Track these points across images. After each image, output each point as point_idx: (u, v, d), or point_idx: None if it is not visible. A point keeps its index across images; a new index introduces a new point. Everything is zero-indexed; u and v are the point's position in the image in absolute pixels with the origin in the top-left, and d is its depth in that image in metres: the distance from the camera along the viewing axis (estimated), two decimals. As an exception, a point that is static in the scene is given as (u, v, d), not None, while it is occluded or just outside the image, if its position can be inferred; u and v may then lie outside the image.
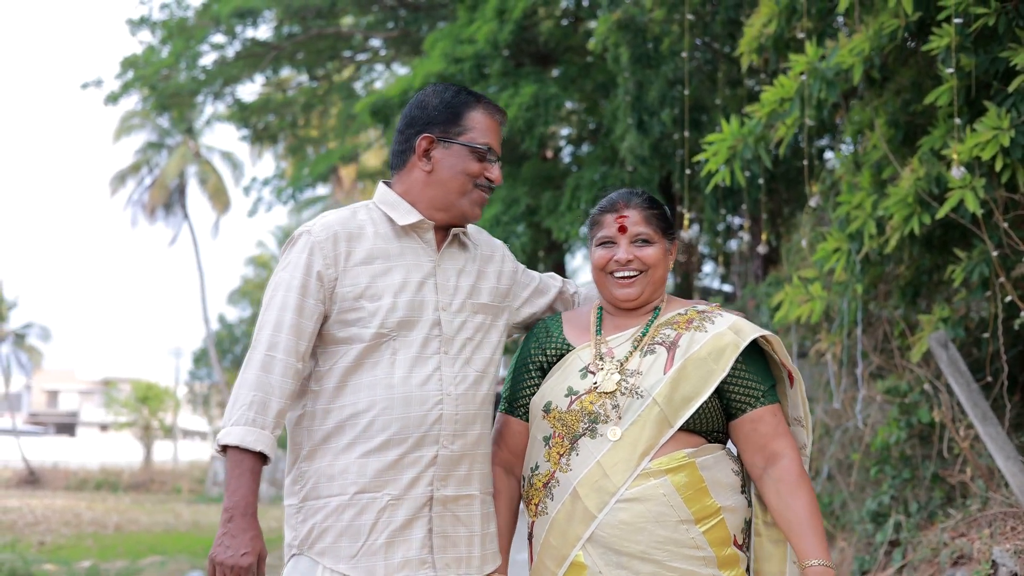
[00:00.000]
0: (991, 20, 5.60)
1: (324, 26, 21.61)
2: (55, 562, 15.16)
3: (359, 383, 3.39)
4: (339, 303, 3.39)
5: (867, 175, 6.70)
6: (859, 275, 6.87)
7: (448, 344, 3.46)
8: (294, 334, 3.33)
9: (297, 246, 3.44)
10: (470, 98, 3.55)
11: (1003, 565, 5.62)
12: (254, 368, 3.30)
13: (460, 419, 3.43)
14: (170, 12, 20.86)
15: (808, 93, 6.39)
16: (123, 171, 46.87)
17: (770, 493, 3.42)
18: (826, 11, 7.06)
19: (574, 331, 3.65)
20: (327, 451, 3.39)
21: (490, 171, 3.53)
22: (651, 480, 3.34)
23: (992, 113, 5.55)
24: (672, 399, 3.37)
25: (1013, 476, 5.91)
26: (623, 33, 11.21)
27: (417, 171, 3.53)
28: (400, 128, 3.59)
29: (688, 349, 3.43)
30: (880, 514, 7.52)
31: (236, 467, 3.22)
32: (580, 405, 3.45)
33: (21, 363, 51.29)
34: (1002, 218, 5.89)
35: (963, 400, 6.17)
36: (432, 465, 3.37)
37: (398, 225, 3.51)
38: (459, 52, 15.77)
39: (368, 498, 3.33)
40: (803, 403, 3.56)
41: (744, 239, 13.26)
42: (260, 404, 3.26)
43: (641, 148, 12.09)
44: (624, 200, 3.59)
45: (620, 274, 3.55)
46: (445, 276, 3.54)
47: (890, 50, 6.26)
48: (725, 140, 6.74)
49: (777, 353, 3.53)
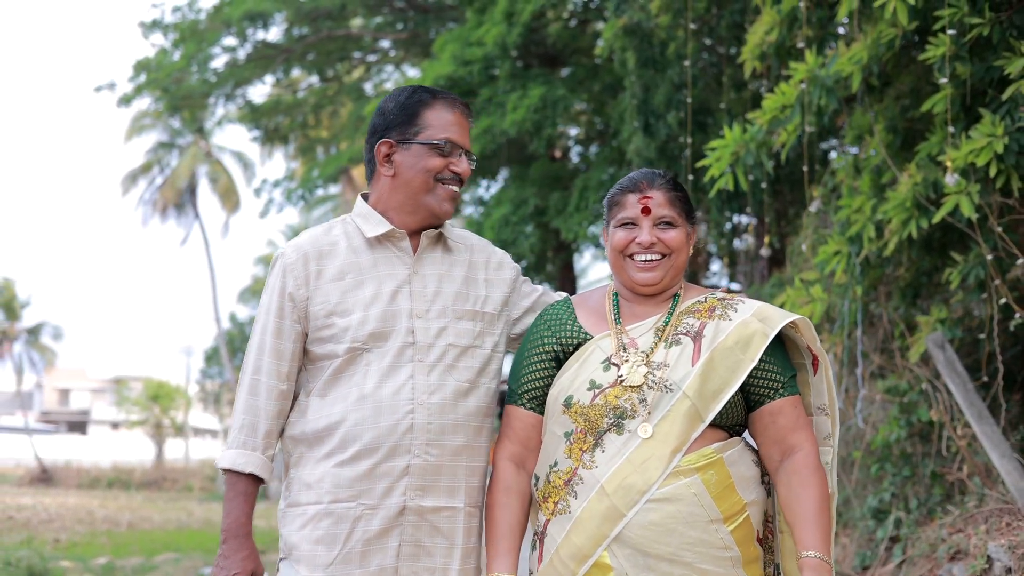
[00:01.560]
0: (985, 30, 5.75)
1: (334, 28, 21.77)
2: (71, 559, 15.26)
3: (336, 395, 3.42)
4: (312, 321, 3.45)
5: (867, 179, 6.84)
6: (859, 277, 7.02)
7: (424, 352, 3.43)
8: (275, 356, 3.43)
9: (274, 270, 3.51)
10: (426, 95, 3.53)
11: (998, 560, 5.77)
12: (244, 391, 3.44)
13: (435, 429, 3.40)
14: (182, 15, 21.04)
15: (808, 100, 6.54)
16: (134, 171, 47.00)
17: (782, 484, 3.29)
18: (826, 19, 7.21)
19: (590, 319, 3.50)
20: (308, 460, 3.44)
21: (455, 164, 3.50)
22: (681, 479, 3.22)
23: (987, 120, 5.69)
24: (703, 392, 3.24)
25: (1008, 474, 6.07)
26: (629, 38, 11.39)
27: (383, 178, 3.53)
28: (367, 138, 3.60)
29: (714, 339, 3.30)
30: (881, 511, 7.67)
31: (230, 489, 3.40)
32: (604, 399, 3.30)
33: (33, 362, 51.47)
34: (997, 222, 6.03)
35: (960, 400, 6.32)
36: (405, 475, 3.37)
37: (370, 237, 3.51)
38: (468, 54, 15.93)
39: (343, 507, 3.37)
40: (829, 390, 3.42)
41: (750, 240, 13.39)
42: (250, 427, 3.41)
43: (648, 150, 12.24)
44: (648, 180, 3.45)
45: (642, 257, 3.40)
46: (423, 282, 3.51)
47: (888, 58, 6.41)
48: (728, 146, 6.89)
49: (805, 337, 3.40)
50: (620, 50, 11.76)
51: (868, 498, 7.87)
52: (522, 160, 18.45)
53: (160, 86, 21.16)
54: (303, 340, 3.47)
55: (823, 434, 3.40)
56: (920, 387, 7.38)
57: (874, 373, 8.37)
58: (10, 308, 49.63)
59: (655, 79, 11.79)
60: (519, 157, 18.54)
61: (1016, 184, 5.72)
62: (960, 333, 6.84)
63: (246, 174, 47.18)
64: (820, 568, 3.17)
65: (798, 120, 6.66)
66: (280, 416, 3.45)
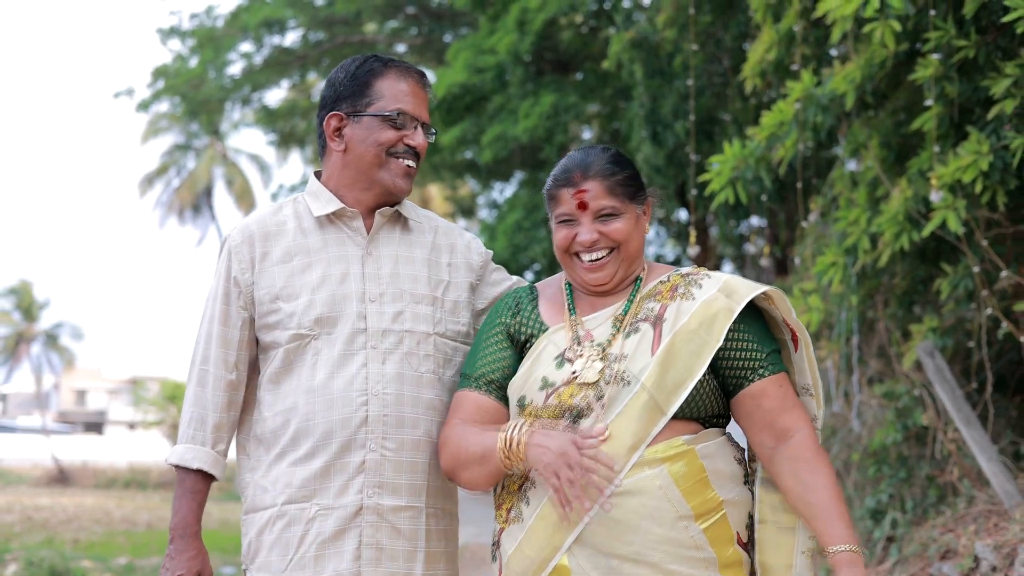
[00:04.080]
0: (971, 52, 6.00)
1: (349, 34, 22.05)
2: (91, 559, 15.46)
3: (287, 389, 3.22)
4: (258, 307, 3.24)
5: (863, 192, 7.09)
6: (855, 287, 7.28)
7: (377, 338, 3.20)
8: (222, 345, 3.23)
9: (221, 254, 3.31)
10: (377, 64, 3.30)
11: (984, 559, 6.02)
12: (192, 384, 3.25)
13: (391, 421, 3.17)
14: (199, 22, 21.35)
15: (804, 118, 6.80)
16: (151, 173, 47.43)
17: (785, 474, 2.97)
18: (822, 38, 7.47)
19: (549, 309, 3.19)
20: (261, 462, 3.26)
21: (409, 137, 3.26)
22: (646, 470, 2.90)
23: (973, 138, 5.93)
24: (663, 383, 2.92)
25: (995, 476, 6.32)
26: (637, 51, 11.66)
27: (334, 154, 3.31)
28: (317, 112, 3.36)
29: (676, 322, 2.98)
30: (878, 511, 7.91)
31: (179, 486, 3.20)
32: (558, 399, 2.98)
33: (51, 363, 51.85)
34: (983, 236, 6.29)
35: (948, 406, 6.57)
36: (361, 471, 3.14)
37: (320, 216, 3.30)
38: (481, 62, 16.20)
39: (296, 509, 3.16)
40: (811, 368, 3.09)
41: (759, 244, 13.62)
42: (198, 420, 3.22)
43: (656, 158, 12.50)
44: (581, 170, 3.08)
45: (588, 257, 3.08)
46: (377, 264, 3.28)
47: (881, 77, 6.66)
48: (728, 161, 7.15)
49: (780, 310, 3.07)
50: (628, 62, 12.04)
51: (866, 499, 8.11)
52: (535, 164, 18.68)
53: (178, 92, 21.48)
54: (251, 327, 3.27)
55: (810, 416, 3.09)
56: (914, 392, 7.63)
57: (873, 377, 8.62)
58: (28, 310, 50.03)
59: (662, 89, 12.06)
60: (532, 161, 18.78)
61: (1001, 199, 5.96)
62: (951, 342, 7.09)
63: (263, 176, 47.56)
64: (855, 562, 2.88)
65: (795, 136, 6.91)
66: (230, 408, 3.26)
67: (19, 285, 50.20)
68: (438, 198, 35.27)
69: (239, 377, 3.27)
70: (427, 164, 19.94)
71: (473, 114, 16.83)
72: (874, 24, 6.00)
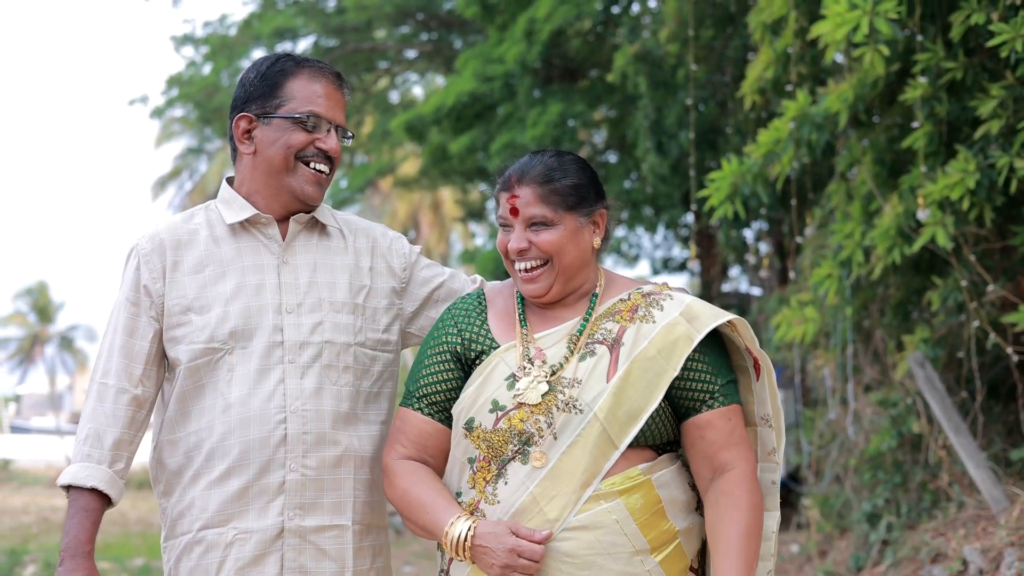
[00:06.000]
0: (959, 74, 6.22)
1: (360, 41, 22.24)
2: (108, 560, 15.46)
3: (200, 407, 3.05)
4: (167, 318, 3.07)
5: (858, 206, 7.29)
6: (850, 299, 7.49)
7: (295, 352, 3.05)
8: (125, 356, 3.04)
9: (128, 262, 3.13)
10: (289, 64, 3.14)
11: (972, 562, 6.23)
12: (91, 399, 3.05)
13: (311, 440, 3.02)
14: (213, 30, 21.56)
15: (799, 136, 7.01)
16: (164, 177, 47.55)
17: (709, 504, 2.88)
18: (818, 56, 7.69)
19: (500, 322, 3.02)
20: (176, 486, 3.10)
21: (321, 141, 3.10)
22: (601, 504, 2.79)
23: (961, 157, 6.13)
24: (616, 415, 2.80)
25: (983, 482, 6.53)
26: (641, 64, 11.87)
27: (244, 157, 3.15)
28: (229, 113, 3.19)
29: (634, 347, 2.84)
30: (874, 515, 8.11)
31: (71, 506, 2.99)
32: (508, 423, 2.84)
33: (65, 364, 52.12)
34: (971, 251, 6.50)
35: (938, 414, 6.79)
36: (281, 492, 3.00)
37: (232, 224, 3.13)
38: (489, 71, 16.39)
39: (214, 534, 3.01)
40: (772, 398, 2.97)
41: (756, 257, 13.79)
42: (95, 437, 3.01)
43: (661, 167, 12.70)
44: (518, 175, 2.93)
45: (520, 265, 2.94)
46: (293, 273, 3.12)
47: (873, 96, 6.87)
48: (726, 177, 7.36)
49: (742, 337, 2.95)
50: (633, 74, 12.24)
51: (863, 503, 8.32)
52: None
53: (192, 99, 21.69)
54: (160, 340, 3.09)
55: (767, 448, 3.00)
56: (908, 401, 7.84)
57: (869, 384, 8.83)
58: (44, 311, 50.29)
59: (666, 100, 12.27)
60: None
61: (989, 216, 6.17)
62: (943, 352, 7.30)
63: (230, 165, 47.73)
64: None
65: (791, 153, 7.12)
66: (132, 425, 3.05)
67: (36, 285, 50.48)
68: (448, 201, 35.52)
69: (144, 393, 3.08)
70: (437, 170, 20.16)
71: (482, 122, 17.02)
72: (864, 49, 6.21)
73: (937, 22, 6.39)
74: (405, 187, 26.68)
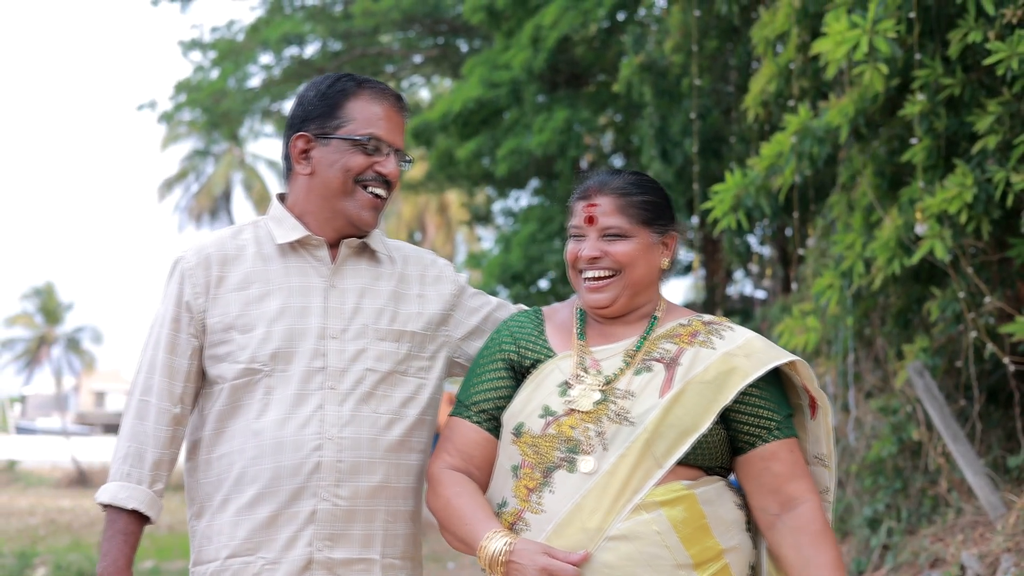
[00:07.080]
0: (957, 90, 6.34)
1: (367, 45, 22.35)
2: None
3: (233, 429, 2.98)
4: (209, 335, 2.99)
5: (858, 218, 7.40)
6: (851, 308, 7.61)
7: (337, 378, 2.96)
8: (167, 375, 2.98)
9: (172, 276, 3.05)
10: (350, 84, 3.06)
11: (970, 568, 6.35)
12: (130, 416, 2.99)
13: (346, 468, 2.93)
14: (220, 35, 21.68)
15: (801, 149, 7.13)
16: (171, 178, 47.73)
17: (786, 546, 2.83)
18: (820, 70, 7.82)
19: (557, 335, 3.03)
20: (207, 509, 3.02)
21: (381, 164, 3.02)
22: (643, 514, 2.75)
23: (959, 171, 6.24)
24: (664, 431, 2.78)
25: (980, 489, 6.65)
26: (646, 74, 12.02)
27: (300, 177, 3.08)
28: (284, 132, 3.14)
29: (691, 369, 2.83)
30: (875, 520, 8.22)
31: (109, 527, 2.93)
32: (558, 429, 2.83)
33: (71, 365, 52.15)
34: (968, 263, 6.63)
35: (937, 422, 6.91)
36: (311, 522, 2.91)
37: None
38: (496, 77, 16.52)
39: (241, 563, 2.93)
40: (827, 438, 2.97)
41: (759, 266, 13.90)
42: (135, 456, 2.94)
43: (666, 174, 12.83)
44: (598, 186, 2.97)
45: (589, 274, 2.94)
46: (340, 297, 3.03)
47: (874, 110, 7.00)
48: (729, 189, 7.48)
49: (801, 376, 2.94)
50: (638, 84, 12.38)
51: (864, 508, 8.43)
52: (550, 174, 18.98)
53: (200, 104, 21.80)
54: (200, 357, 3.02)
55: (820, 487, 2.98)
56: (908, 408, 7.96)
57: (870, 391, 8.95)
58: (51, 313, 50.34)
59: (671, 109, 12.42)
60: (547, 171, 19.08)
61: (986, 229, 6.27)
62: (942, 361, 7.41)
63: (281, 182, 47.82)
64: None
65: (793, 166, 7.24)
66: (173, 444, 2.99)
67: (43, 287, 50.55)
68: (455, 204, 35.63)
69: (183, 411, 3.01)
70: (443, 174, 20.29)
71: (489, 128, 17.16)
72: (863, 67, 6.34)
73: (936, 39, 6.51)
74: (411, 190, 26.79)
